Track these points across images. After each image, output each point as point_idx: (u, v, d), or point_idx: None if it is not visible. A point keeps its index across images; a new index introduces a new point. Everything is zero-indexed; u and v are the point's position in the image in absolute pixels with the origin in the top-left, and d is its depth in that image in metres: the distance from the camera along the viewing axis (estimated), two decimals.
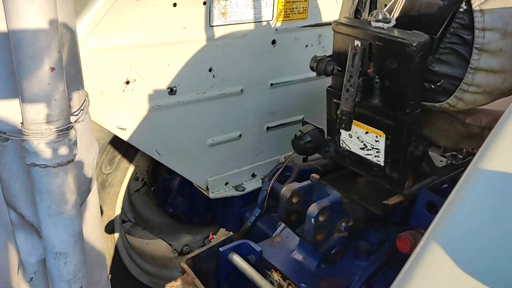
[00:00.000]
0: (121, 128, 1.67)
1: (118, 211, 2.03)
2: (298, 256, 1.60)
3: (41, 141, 0.80)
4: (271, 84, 2.04)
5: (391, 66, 1.34)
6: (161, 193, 2.38)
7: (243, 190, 2.10)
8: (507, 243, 0.58)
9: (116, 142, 1.83)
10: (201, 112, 1.86)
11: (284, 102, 2.12)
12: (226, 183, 2.08)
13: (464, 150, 2.02)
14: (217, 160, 2.02)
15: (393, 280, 1.58)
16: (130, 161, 1.96)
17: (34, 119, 0.79)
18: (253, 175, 2.17)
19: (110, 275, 1.20)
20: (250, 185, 2.14)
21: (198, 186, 2.03)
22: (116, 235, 2.06)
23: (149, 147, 1.78)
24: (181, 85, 1.76)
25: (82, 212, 1.00)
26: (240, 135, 2.04)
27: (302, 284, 1.40)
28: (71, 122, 0.83)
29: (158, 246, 2.63)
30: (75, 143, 0.84)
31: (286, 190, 1.52)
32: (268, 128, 2.13)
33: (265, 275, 1.58)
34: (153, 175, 2.45)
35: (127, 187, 2.08)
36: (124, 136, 1.69)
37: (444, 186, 1.73)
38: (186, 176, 1.96)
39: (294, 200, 1.52)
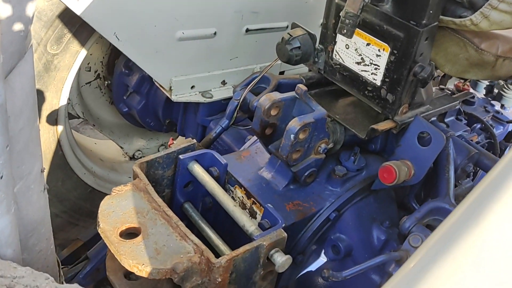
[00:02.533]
0: None
1: (63, 101, 1.75)
2: (266, 174, 1.43)
3: None
4: None
5: None
6: (116, 90, 2.11)
7: (211, 97, 1.87)
8: None
9: (66, 17, 1.52)
10: None
11: (270, 2, 1.85)
12: (192, 87, 1.84)
13: (454, 85, 1.87)
14: (185, 58, 1.75)
15: (365, 211, 1.47)
16: (82, 44, 1.66)
17: None
18: (223, 82, 1.93)
19: (45, 168, 0.98)
20: (219, 93, 1.91)
21: (160, 86, 1.78)
22: (60, 127, 1.80)
23: (106, 28, 1.49)
24: None
25: (9, 81, 0.75)
26: (215, 33, 1.77)
27: (268, 204, 1.24)
28: None
29: (107, 147, 2.41)
30: None
31: (265, 99, 1.31)
32: (247, 30, 1.86)
33: (227, 190, 1.41)
34: (108, 68, 2.15)
35: (76, 76, 1.79)
36: (77, 9, 1.39)
37: (432, 119, 1.59)
38: (148, 71, 1.70)
39: (273, 112, 1.32)
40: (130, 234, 1.15)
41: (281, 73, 2.10)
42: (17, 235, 0.82)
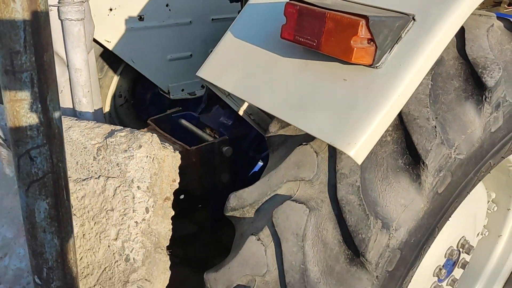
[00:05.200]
0: (107, 41, 2.56)
1: (107, 109, 2.93)
2: (222, 118, 2.52)
3: (71, 7, 1.69)
4: (212, 19, 2.94)
5: None
6: (138, 105, 3.28)
7: (195, 95, 3.01)
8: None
9: (104, 55, 2.71)
10: (161, 35, 2.75)
11: (224, 33, 3.01)
12: (182, 90, 2.99)
13: None
14: (175, 71, 2.92)
15: None
16: (115, 71, 2.85)
17: None
18: (202, 86, 3.07)
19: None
20: (200, 92, 3.04)
21: (162, 90, 2.94)
22: None
23: (126, 56, 2.68)
24: (147, 14, 2.65)
25: (89, 56, 1.90)
26: (191, 55, 2.94)
27: (221, 129, 2.33)
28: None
29: None
30: (86, 10, 1.74)
31: None
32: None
33: (202, 130, 2.50)
34: (133, 93, 3.34)
35: (113, 99, 2.98)
36: (109, 46, 2.59)
37: None
38: (153, 80, 2.86)
39: None
40: None
41: None
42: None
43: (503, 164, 2.03)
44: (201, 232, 2.86)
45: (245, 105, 1.72)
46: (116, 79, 2.90)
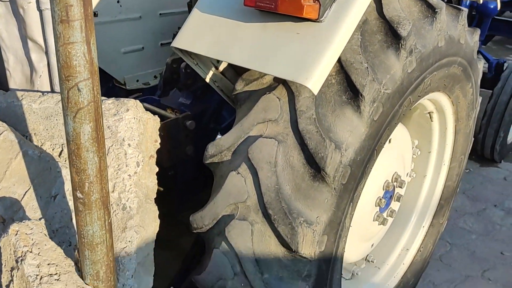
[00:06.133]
0: None
1: None
2: (181, 99, 2.79)
3: None
4: (160, 14, 3.19)
5: None
6: None
7: (149, 85, 3.24)
8: None
9: None
10: (115, 29, 2.96)
11: (171, 26, 3.27)
12: (137, 80, 3.20)
13: None
14: (130, 64, 3.13)
15: None
16: None
17: None
18: (155, 77, 3.31)
19: None
20: (154, 82, 3.28)
21: (118, 82, 3.14)
22: None
23: None
24: (100, 10, 2.85)
25: None
26: (142, 47, 3.17)
27: (182, 107, 2.59)
28: None
29: None
30: None
31: (168, 59, 2.70)
32: (161, 44, 3.27)
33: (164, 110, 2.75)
34: None
35: None
36: None
37: None
38: (110, 72, 3.05)
39: (174, 64, 2.70)
40: None
41: None
42: None
43: (422, 112, 2.49)
44: (165, 214, 3.09)
45: (211, 73, 2.01)
46: None
